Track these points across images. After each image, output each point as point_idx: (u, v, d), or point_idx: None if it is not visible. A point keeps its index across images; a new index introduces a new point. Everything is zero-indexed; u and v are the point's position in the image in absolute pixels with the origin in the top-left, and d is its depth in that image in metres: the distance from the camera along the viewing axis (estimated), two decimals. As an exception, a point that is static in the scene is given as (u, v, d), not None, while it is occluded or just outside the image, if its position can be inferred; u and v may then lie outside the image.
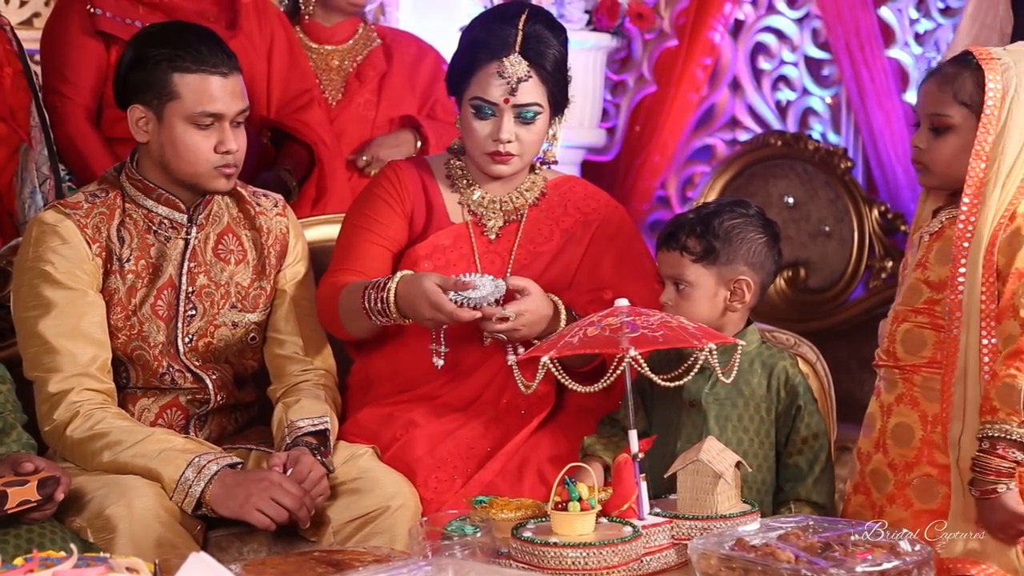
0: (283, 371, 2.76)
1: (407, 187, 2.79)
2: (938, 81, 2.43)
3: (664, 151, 5.31)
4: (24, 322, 2.61)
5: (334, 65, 3.67)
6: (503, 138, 2.67)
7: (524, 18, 2.67)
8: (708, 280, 2.52)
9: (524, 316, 2.59)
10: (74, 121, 3.24)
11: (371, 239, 2.76)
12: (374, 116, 3.65)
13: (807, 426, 2.52)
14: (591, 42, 4.72)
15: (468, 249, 2.77)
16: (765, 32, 5.46)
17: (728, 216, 2.54)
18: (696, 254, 2.52)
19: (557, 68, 2.69)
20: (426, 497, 2.57)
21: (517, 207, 2.80)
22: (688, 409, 2.52)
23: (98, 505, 2.42)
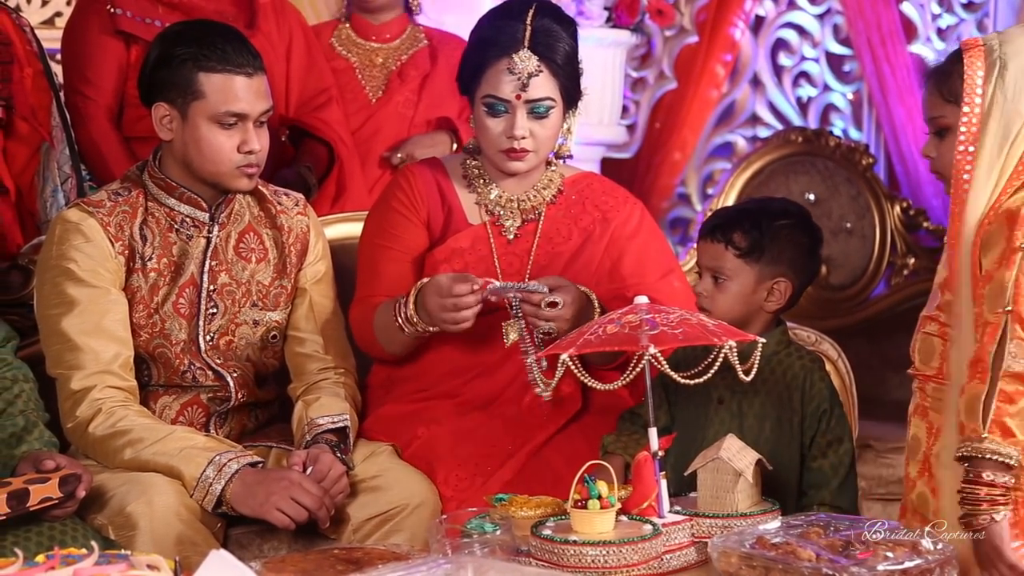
0: (303, 369, 2.77)
1: (421, 192, 2.79)
2: (930, 82, 2.35)
3: (684, 148, 5.30)
4: (47, 320, 2.62)
5: (377, 62, 3.68)
6: (517, 134, 2.67)
7: (532, 13, 2.66)
8: (748, 277, 2.51)
9: (568, 306, 2.58)
10: (95, 121, 3.25)
11: (392, 256, 2.76)
12: (412, 115, 3.65)
13: (832, 429, 2.50)
14: (611, 39, 4.71)
15: (487, 251, 2.76)
16: (786, 28, 5.45)
17: (778, 216, 2.52)
18: (741, 249, 2.50)
19: (568, 61, 2.68)
20: (446, 495, 2.57)
21: (534, 205, 2.80)
22: (716, 406, 2.51)
23: (119, 502, 2.43)
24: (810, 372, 2.51)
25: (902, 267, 5.06)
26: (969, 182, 2.24)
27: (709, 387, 2.36)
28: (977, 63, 2.25)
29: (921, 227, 5.09)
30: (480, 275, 2.72)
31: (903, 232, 5.09)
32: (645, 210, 2.89)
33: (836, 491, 2.47)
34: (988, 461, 2.14)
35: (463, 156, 2.84)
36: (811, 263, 2.57)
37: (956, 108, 2.27)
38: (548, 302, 2.57)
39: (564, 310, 2.58)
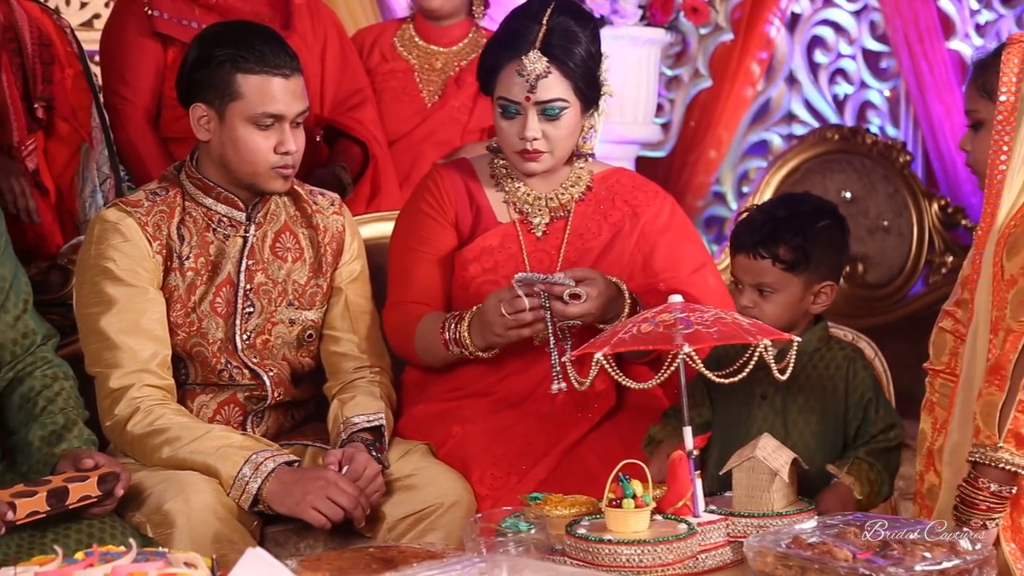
0: (339, 368, 2.78)
1: (448, 194, 2.79)
2: (972, 75, 2.32)
3: (719, 146, 5.29)
4: (86, 318, 2.64)
5: (437, 66, 3.68)
6: (528, 136, 2.66)
7: (549, 13, 2.65)
8: (795, 287, 2.48)
9: (594, 298, 2.57)
10: (134, 123, 3.28)
11: (423, 259, 2.77)
12: (467, 121, 3.65)
13: (882, 417, 2.48)
14: (645, 37, 4.70)
15: (516, 248, 2.76)
16: (822, 25, 5.42)
17: (815, 219, 2.48)
18: (788, 263, 2.46)
19: (583, 61, 2.66)
20: (481, 494, 2.57)
21: (563, 203, 2.79)
22: (759, 402, 2.50)
23: (157, 500, 2.45)
24: (852, 362, 2.50)
25: (940, 265, 5.03)
26: (1002, 181, 2.21)
27: (752, 383, 2.34)
28: (1014, 59, 2.21)
29: (959, 225, 5.05)
30: (510, 273, 2.72)
31: (941, 230, 5.06)
32: (676, 204, 2.88)
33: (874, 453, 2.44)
34: (997, 470, 2.14)
35: (490, 155, 2.84)
36: (846, 258, 2.56)
37: (990, 103, 2.25)
38: (571, 293, 2.57)
39: (588, 303, 2.57)
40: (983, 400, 2.16)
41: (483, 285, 2.72)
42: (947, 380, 2.34)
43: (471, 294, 2.72)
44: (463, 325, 2.66)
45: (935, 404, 2.36)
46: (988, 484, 2.15)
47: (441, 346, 2.68)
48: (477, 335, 2.64)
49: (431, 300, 2.76)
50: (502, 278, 2.73)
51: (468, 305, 2.70)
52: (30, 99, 3.05)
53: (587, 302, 2.57)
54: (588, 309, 2.58)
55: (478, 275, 2.74)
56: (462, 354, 2.68)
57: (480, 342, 2.65)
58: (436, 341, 2.69)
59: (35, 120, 3.06)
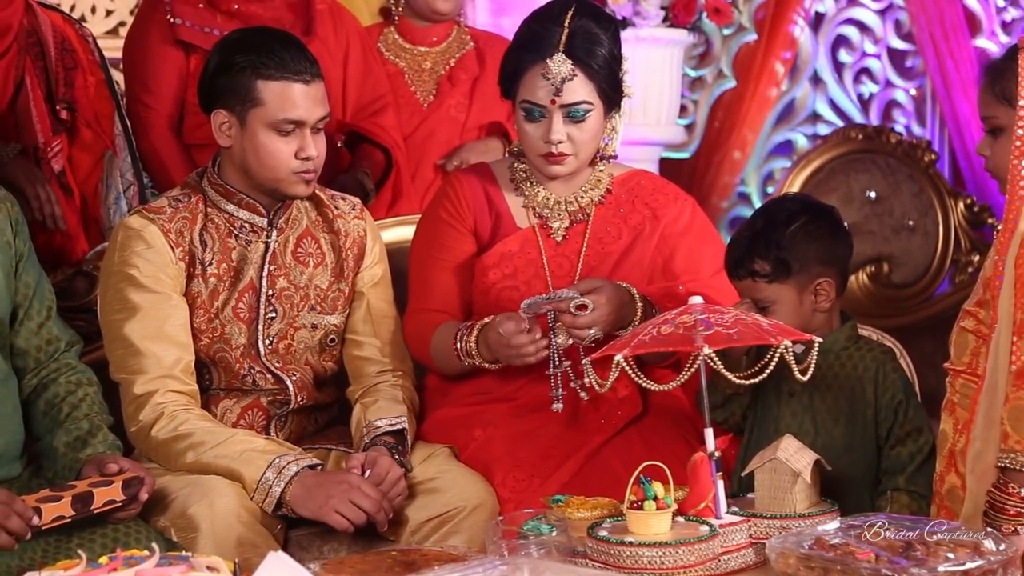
0: (361, 372, 2.79)
1: (467, 200, 2.79)
2: (985, 79, 2.28)
3: (744, 147, 5.28)
4: (110, 325, 2.66)
5: (426, 67, 3.68)
6: (554, 139, 2.66)
7: (570, 15, 2.65)
8: (789, 294, 2.47)
9: (603, 306, 2.57)
10: (157, 131, 3.29)
11: (442, 266, 2.77)
12: (464, 119, 3.65)
13: (911, 420, 2.46)
14: (668, 38, 4.69)
15: (536, 254, 2.76)
16: (846, 24, 5.41)
17: (786, 223, 2.48)
18: (768, 275, 2.47)
19: (606, 63, 2.66)
20: (504, 496, 2.57)
21: (582, 206, 2.79)
22: (787, 398, 2.49)
23: (181, 505, 2.46)
24: (882, 364, 2.48)
25: (966, 264, 5.01)
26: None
27: (779, 380, 2.33)
28: None
29: (986, 223, 5.02)
30: (530, 278, 2.73)
31: (967, 229, 5.03)
32: (696, 206, 2.87)
33: (911, 476, 2.43)
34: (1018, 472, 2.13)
35: (510, 159, 2.84)
36: (840, 245, 2.52)
37: (1009, 109, 2.22)
38: (576, 305, 2.56)
39: (596, 312, 2.57)
40: (1011, 405, 2.14)
41: (503, 291, 2.72)
42: (968, 380, 2.33)
43: (491, 300, 2.73)
44: (471, 336, 2.66)
45: (956, 404, 2.35)
46: (1018, 489, 2.14)
47: (454, 356, 2.69)
48: (485, 349, 2.64)
49: (450, 308, 2.76)
50: (522, 283, 2.73)
51: (488, 311, 2.70)
52: (53, 102, 3.08)
53: (595, 311, 2.56)
54: (597, 317, 2.57)
55: (498, 281, 2.74)
56: (473, 365, 2.68)
57: (488, 355, 2.65)
58: (449, 351, 2.69)
59: (59, 122, 3.09)
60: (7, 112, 3.03)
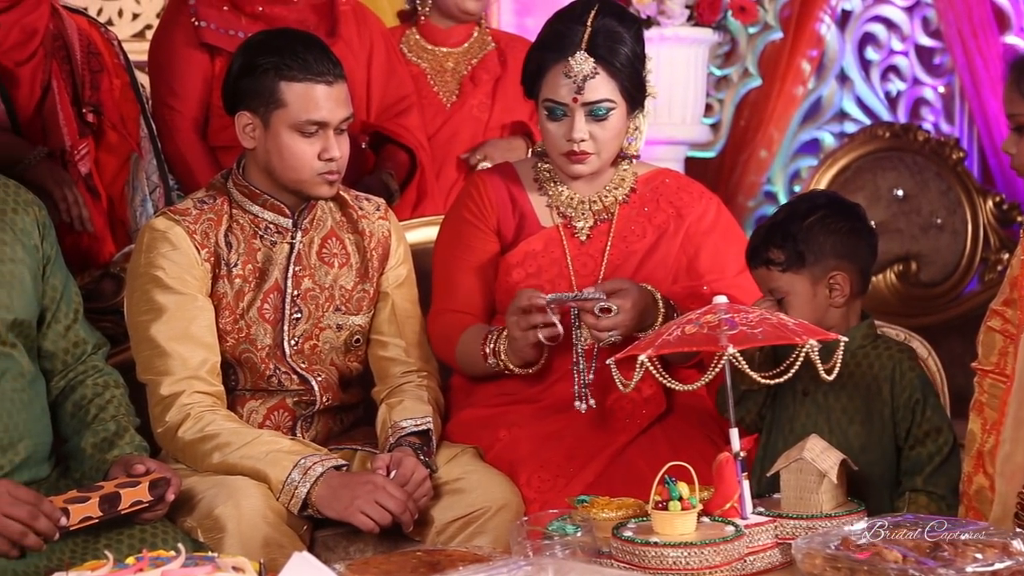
0: (386, 373, 2.79)
1: (491, 200, 2.79)
2: (1012, 76, 2.27)
3: (770, 145, 5.26)
4: (137, 326, 2.67)
5: (448, 67, 3.68)
6: (576, 137, 2.65)
7: (593, 14, 2.65)
8: (803, 284, 2.46)
9: (627, 311, 2.56)
10: (182, 132, 3.31)
11: (466, 266, 2.77)
12: (487, 119, 3.66)
13: (929, 420, 2.44)
14: (692, 37, 4.68)
15: (560, 253, 2.75)
16: (873, 22, 5.38)
17: (806, 214, 2.47)
18: (782, 264, 2.46)
19: (628, 61, 2.66)
20: (529, 497, 2.57)
21: (606, 206, 2.78)
22: (801, 398, 2.48)
23: (208, 505, 2.47)
24: (899, 363, 2.46)
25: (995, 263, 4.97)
26: None
27: (794, 380, 2.31)
28: None
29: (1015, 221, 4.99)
30: (553, 277, 2.72)
31: (996, 227, 5.00)
32: (721, 205, 2.86)
33: (928, 477, 2.41)
34: None
35: (534, 159, 2.84)
36: (860, 242, 2.50)
37: None
38: (601, 308, 2.55)
39: (620, 315, 2.56)
40: None
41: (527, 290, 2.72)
42: (996, 380, 2.31)
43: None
44: (503, 339, 2.66)
45: (984, 404, 2.33)
46: None
47: (481, 358, 2.69)
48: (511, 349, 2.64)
49: (474, 309, 2.76)
50: (546, 282, 2.73)
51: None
52: (80, 105, 3.10)
53: (619, 315, 2.56)
54: (620, 322, 2.56)
55: (521, 280, 2.74)
56: (499, 367, 2.67)
57: (514, 358, 2.65)
58: (477, 353, 2.69)
59: (86, 125, 3.11)
60: (34, 116, 3.05)
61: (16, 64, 3.01)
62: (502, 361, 2.66)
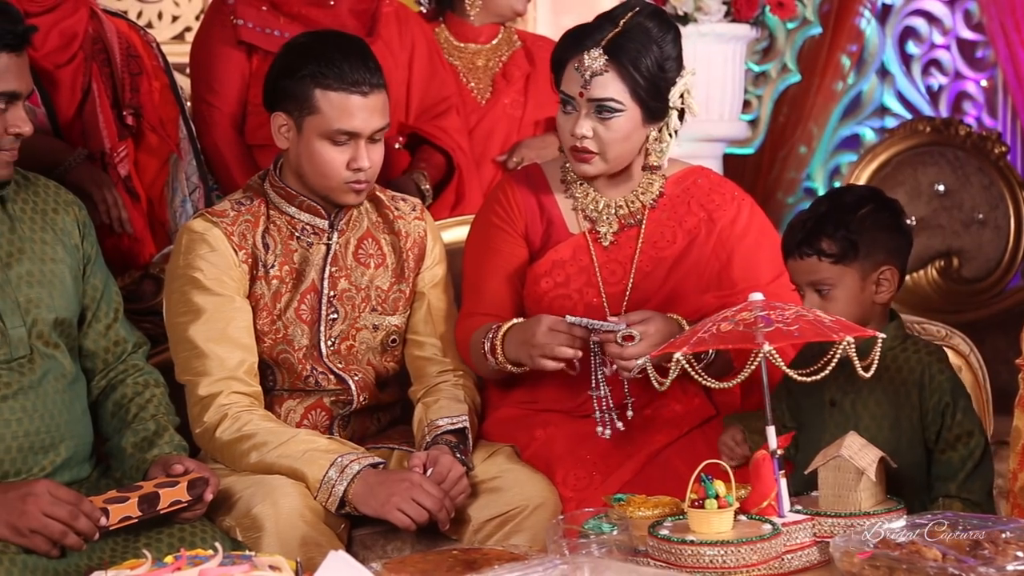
0: (423, 372, 2.79)
1: (518, 205, 2.76)
2: None
3: (810, 141, 5.23)
4: (175, 327, 2.69)
5: (480, 65, 3.69)
6: (577, 132, 2.61)
7: (630, 15, 2.61)
8: (852, 278, 2.41)
9: (650, 336, 2.51)
10: (220, 129, 3.34)
11: (493, 271, 2.74)
12: (521, 115, 3.66)
13: (959, 423, 2.39)
14: (730, 33, 4.66)
15: (588, 261, 2.72)
16: (914, 15, 5.34)
17: (855, 206, 2.43)
18: (834, 255, 2.40)
19: (649, 70, 2.58)
20: (565, 496, 2.56)
21: (632, 211, 2.74)
22: (829, 409, 2.44)
23: (246, 505, 2.48)
24: (928, 366, 2.41)
25: (1039, 258, 4.92)
26: None
27: (822, 389, 2.29)
28: None
29: (1059, 216, 4.93)
30: (582, 286, 2.70)
31: (1040, 222, 4.95)
32: (755, 206, 2.80)
33: (962, 483, 2.37)
34: None
35: (563, 159, 2.80)
36: (904, 238, 2.47)
37: None
38: (624, 335, 2.51)
39: (644, 343, 2.50)
40: None
41: (555, 300, 2.70)
42: None
43: (543, 308, 2.69)
44: (500, 333, 2.62)
45: None
46: None
47: (482, 355, 2.65)
48: (512, 346, 2.60)
49: (502, 312, 2.73)
50: (574, 291, 2.70)
51: None
52: (119, 107, 3.12)
53: (642, 342, 2.50)
54: (643, 350, 2.49)
55: (550, 289, 2.71)
56: (497, 364, 2.63)
57: (512, 353, 2.61)
58: (480, 350, 2.65)
59: (125, 127, 3.13)
60: (74, 118, 3.08)
61: (56, 67, 3.04)
62: (497, 355, 2.62)
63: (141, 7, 5.04)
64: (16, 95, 2.35)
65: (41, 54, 2.95)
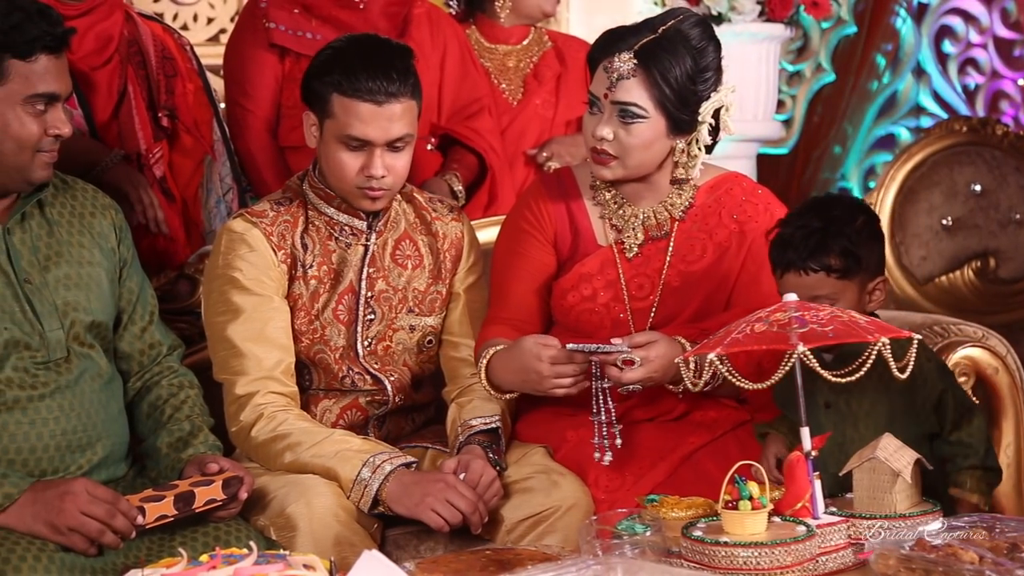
0: (457, 373, 2.80)
1: (548, 212, 2.74)
2: None
3: (844, 141, 5.20)
4: (214, 327, 2.71)
5: (511, 65, 3.69)
6: (597, 134, 2.59)
7: (671, 23, 2.57)
8: (852, 292, 2.42)
9: (650, 362, 2.49)
10: (253, 131, 3.35)
11: (520, 276, 2.73)
12: (552, 116, 3.66)
13: (960, 402, 2.44)
14: (764, 33, 4.64)
15: (615, 275, 2.69)
16: (950, 14, 5.30)
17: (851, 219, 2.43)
18: (840, 270, 2.41)
19: (679, 80, 2.54)
20: (598, 497, 2.56)
21: (659, 222, 2.71)
22: (825, 411, 2.45)
23: (280, 504, 2.50)
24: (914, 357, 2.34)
25: (1078, 258, 4.88)
26: None
27: (814, 393, 2.26)
28: None
29: (1097, 216, 4.89)
30: (609, 300, 2.68)
31: (1077, 222, 4.90)
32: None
33: (983, 455, 2.41)
34: None
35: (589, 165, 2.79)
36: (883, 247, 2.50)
37: None
38: (623, 359, 2.48)
39: (643, 369, 2.48)
40: None
41: (582, 313, 2.69)
42: None
43: (571, 321, 2.70)
44: (485, 359, 2.62)
45: None
46: None
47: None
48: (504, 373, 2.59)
49: (527, 317, 2.72)
50: (600, 306, 2.68)
51: (568, 331, 2.66)
52: (155, 109, 3.15)
53: (641, 368, 2.48)
54: (643, 375, 2.48)
55: (577, 303, 2.69)
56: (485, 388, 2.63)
57: (500, 379, 2.60)
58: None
59: (160, 129, 3.16)
60: (110, 120, 3.11)
61: (92, 69, 3.06)
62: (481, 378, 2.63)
63: (176, 9, 5.08)
64: (55, 97, 2.38)
65: (77, 57, 2.97)
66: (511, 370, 2.58)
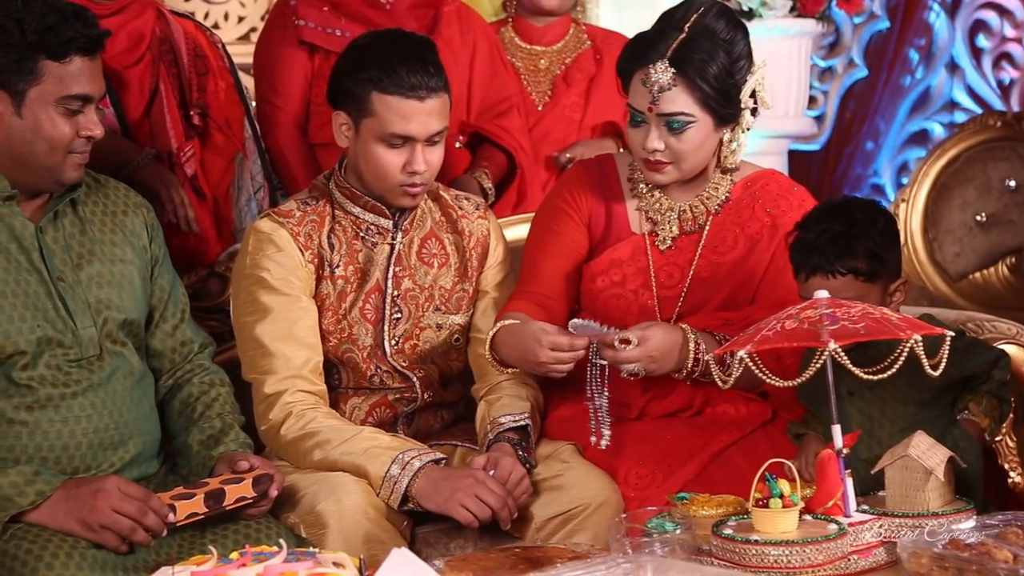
0: (486, 371, 2.79)
1: (585, 192, 2.75)
2: None
3: (877, 137, 5.17)
4: (242, 326, 2.72)
5: (542, 67, 3.68)
6: (648, 147, 2.59)
7: (695, 18, 2.56)
8: (876, 294, 2.42)
9: (649, 341, 2.49)
10: (283, 129, 3.36)
11: (552, 253, 2.74)
12: (580, 119, 3.64)
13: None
14: (795, 29, 4.62)
15: (646, 263, 2.71)
16: (985, 9, 5.25)
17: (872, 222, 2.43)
18: (867, 272, 2.41)
19: (717, 76, 2.54)
20: (627, 495, 2.55)
21: (695, 216, 2.72)
22: (849, 399, 2.44)
23: (310, 502, 2.50)
24: None
25: (1114, 255, 4.83)
26: None
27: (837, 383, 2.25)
28: None
29: None
30: (638, 287, 2.69)
31: (1113, 218, 4.86)
32: None
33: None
34: None
35: (630, 156, 2.78)
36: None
37: None
38: (620, 339, 2.48)
39: (638, 349, 2.48)
40: None
41: (610, 299, 2.69)
42: None
43: (599, 305, 2.70)
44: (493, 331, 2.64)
45: None
46: None
47: None
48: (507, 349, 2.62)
49: (553, 294, 2.72)
50: (629, 292, 2.69)
51: (595, 314, 2.65)
52: (186, 107, 3.16)
53: (637, 348, 2.48)
54: (638, 356, 2.49)
55: (605, 288, 2.70)
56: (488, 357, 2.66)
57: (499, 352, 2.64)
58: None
59: (192, 127, 3.17)
60: (142, 118, 3.12)
61: (124, 68, 3.07)
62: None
63: (208, 8, 5.10)
64: (89, 98, 2.39)
65: (109, 55, 2.98)
66: (512, 347, 2.61)
